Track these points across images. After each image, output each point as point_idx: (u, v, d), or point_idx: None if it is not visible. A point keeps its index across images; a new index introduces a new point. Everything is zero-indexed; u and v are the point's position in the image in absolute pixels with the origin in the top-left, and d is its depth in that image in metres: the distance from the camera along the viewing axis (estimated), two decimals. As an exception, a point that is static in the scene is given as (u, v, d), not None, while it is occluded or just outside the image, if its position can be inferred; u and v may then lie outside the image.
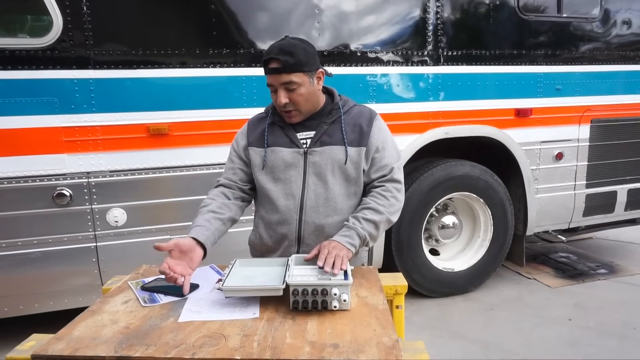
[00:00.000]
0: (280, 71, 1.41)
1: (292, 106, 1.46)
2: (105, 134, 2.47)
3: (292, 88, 1.43)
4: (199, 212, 1.54)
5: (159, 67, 2.50)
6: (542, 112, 3.28)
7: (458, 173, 3.15)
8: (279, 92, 1.44)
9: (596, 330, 2.82)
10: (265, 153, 1.53)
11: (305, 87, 1.45)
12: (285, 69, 1.40)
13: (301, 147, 1.51)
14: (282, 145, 1.52)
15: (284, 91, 1.43)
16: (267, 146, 1.53)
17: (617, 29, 3.43)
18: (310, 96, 1.48)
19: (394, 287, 1.44)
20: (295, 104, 1.46)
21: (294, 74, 1.42)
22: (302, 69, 1.43)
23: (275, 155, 1.52)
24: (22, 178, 2.38)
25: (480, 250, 3.35)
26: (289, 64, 1.40)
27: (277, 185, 1.52)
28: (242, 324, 1.16)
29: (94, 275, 2.56)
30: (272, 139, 1.53)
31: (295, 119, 1.51)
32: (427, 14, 2.95)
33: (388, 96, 2.93)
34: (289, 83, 1.42)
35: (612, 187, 3.58)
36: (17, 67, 2.29)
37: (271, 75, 1.43)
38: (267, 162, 1.52)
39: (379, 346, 1.04)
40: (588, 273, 3.69)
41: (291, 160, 1.51)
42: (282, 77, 1.41)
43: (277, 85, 1.43)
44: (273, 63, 1.42)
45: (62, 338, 1.10)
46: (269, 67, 1.43)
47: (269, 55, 1.43)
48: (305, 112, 1.50)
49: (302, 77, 1.43)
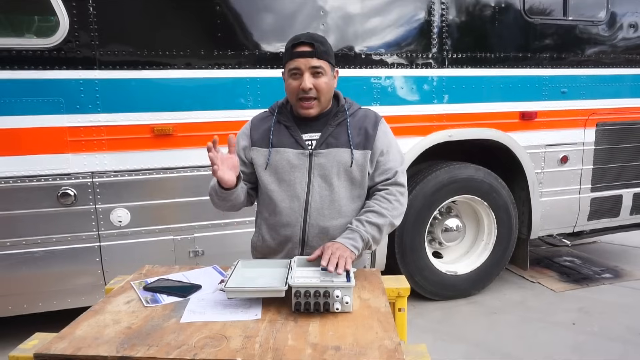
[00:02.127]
0: (311, 55, 1.42)
1: (315, 93, 1.46)
2: (110, 134, 2.48)
3: (318, 72, 1.44)
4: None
5: (164, 68, 2.51)
6: (547, 115, 3.27)
7: (462, 176, 3.14)
8: (305, 76, 1.43)
9: (600, 335, 2.79)
10: (270, 153, 1.51)
11: (328, 78, 1.47)
12: (316, 53, 1.42)
13: (306, 149, 1.50)
14: (288, 146, 1.51)
15: (310, 76, 1.43)
16: (272, 146, 1.52)
17: (624, 32, 3.41)
18: (329, 89, 1.49)
19: (396, 289, 1.44)
20: (319, 91, 1.46)
21: (323, 61, 1.44)
22: (329, 59, 1.47)
23: (280, 156, 1.51)
24: (27, 177, 2.39)
25: (484, 253, 3.34)
26: (320, 49, 1.43)
27: (282, 187, 1.51)
28: (244, 325, 1.16)
29: (97, 275, 2.57)
30: (277, 139, 1.52)
31: (312, 111, 1.49)
32: (432, 16, 2.94)
33: (392, 98, 2.93)
34: (317, 67, 1.43)
35: (618, 191, 3.55)
36: (23, 67, 2.31)
37: (299, 59, 1.43)
38: (271, 163, 1.51)
39: (381, 349, 1.04)
40: (593, 277, 3.67)
41: (296, 162, 1.50)
42: (312, 60, 1.42)
43: (304, 68, 1.43)
44: (304, 46, 1.43)
45: (64, 337, 1.11)
46: (298, 50, 1.43)
47: (298, 40, 1.44)
48: (323, 104, 1.50)
49: (328, 67, 1.46)
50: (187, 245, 2.68)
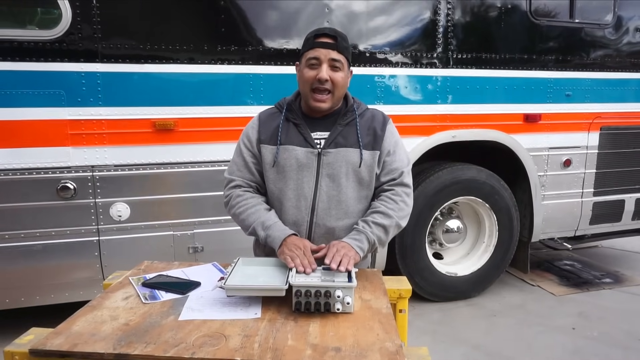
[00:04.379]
0: (333, 47, 1.42)
1: (330, 85, 1.44)
2: (111, 128, 2.46)
3: (336, 66, 1.44)
4: (257, 207, 1.49)
5: (166, 63, 2.49)
6: (551, 117, 3.25)
7: (464, 177, 3.12)
8: (323, 67, 1.42)
9: (600, 340, 2.78)
10: (278, 151, 1.48)
11: (344, 74, 1.47)
12: (337, 46, 1.43)
13: (315, 148, 1.48)
14: (296, 144, 1.48)
15: (328, 67, 1.43)
16: (280, 144, 1.49)
17: (630, 36, 3.39)
18: (344, 85, 1.49)
19: (397, 290, 1.42)
20: (334, 85, 1.44)
21: (343, 56, 1.45)
22: (348, 55, 1.47)
23: (288, 154, 1.48)
24: (27, 170, 2.37)
25: (485, 255, 3.32)
26: (342, 44, 1.44)
27: (289, 185, 1.49)
28: (243, 324, 1.14)
29: (95, 270, 2.55)
30: (285, 137, 1.49)
31: (325, 105, 1.47)
32: (438, 15, 2.92)
33: (396, 98, 2.91)
34: (337, 61, 1.43)
35: (620, 196, 3.54)
36: (25, 58, 2.29)
37: (321, 49, 1.43)
38: (279, 161, 1.48)
39: (381, 351, 1.02)
40: (593, 282, 3.65)
41: (305, 161, 1.48)
42: (333, 53, 1.43)
43: (324, 59, 1.42)
44: (327, 38, 1.43)
45: (61, 333, 1.09)
46: (321, 41, 1.43)
47: (322, 31, 1.45)
48: (335, 99, 1.48)
49: (345, 64, 1.46)
50: (186, 241, 2.66)
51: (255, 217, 1.46)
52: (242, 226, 1.52)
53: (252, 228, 1.46)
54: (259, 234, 1.44)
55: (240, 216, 1.50)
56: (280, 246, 1.38)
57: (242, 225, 1.51)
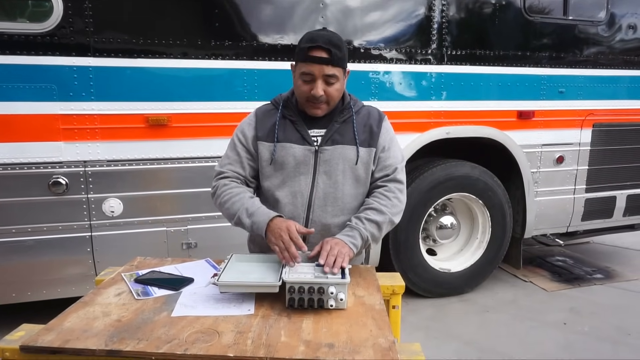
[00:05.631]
0: (327, 62, 1.37)
1: (325, 99, 1.43)
2: (103, 123, 2.44)
3: (332, 82, 1.40)
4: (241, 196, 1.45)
5: (160, 57, 2.46)
6: (544, 114, 3.26)
7: (458, 173, 3.13)
8: (317, 83, 1.39)
9: (591, 335, 2.81)
10: (275, 148, 1.48)
11: (340, 83, 1.44)
12: (332, 60, 1.37)
13: (312, 145, 1.48)
14: (294, 142, 1.47)
15: (323, 83, 1.40)
16: (278, 141, 1.48)
17: (622, 33, 3.41)
18: (340, 94, 1.47)
19: (391, 287, 1.43)
20: (329, 98, 1.43)
21: (338, 68, 1.40)
22: (344, 64, 1.42)
23: (285, 152, 1.47)
24: (18, 165, 2.35)
25: (478, 251, 3.34)
26: (337, 57, 1.38)
27: (285, 182, 1.48)
28: (237, 320, 1.14)
29: (88, 265, 2.54)
30: (282, 134, 1.48)
31: (321, 112, 1.46)
32: (432, 12, 2.92)
33: (390, 94, 2.91)
34: (331, 76, 1.39)
35: (612, 192, 3.57)
36: (15, 52, 2.26)
37: (315, 65, 1.38)
38: (277, 158, 1.48)
39: (375, 347, 1.03)
40: (584, 277, 3.69)
41: (302, 158, 1.47)
42: (328, 68, 1.38)
43: (317, 75, 1.39)
44: (320, 52, 1.37)
45: (52, 329, 1.08)
46: (314, 56, 1.37)
47: (315, 43, 1.37)
48: (332, 107, 1.48)
49: (341, 73, 1.43)
50: (180, 237, 2.65)
51: (239, 205, 1.43)
52: (227, 215, 1.48)
53: (237, 217, 1.43)
54: (244, 222, 1.41)
55: (224, 205, 1.47)
56: (267, 234, 1.37)
57: (227, 214, 1.48)
